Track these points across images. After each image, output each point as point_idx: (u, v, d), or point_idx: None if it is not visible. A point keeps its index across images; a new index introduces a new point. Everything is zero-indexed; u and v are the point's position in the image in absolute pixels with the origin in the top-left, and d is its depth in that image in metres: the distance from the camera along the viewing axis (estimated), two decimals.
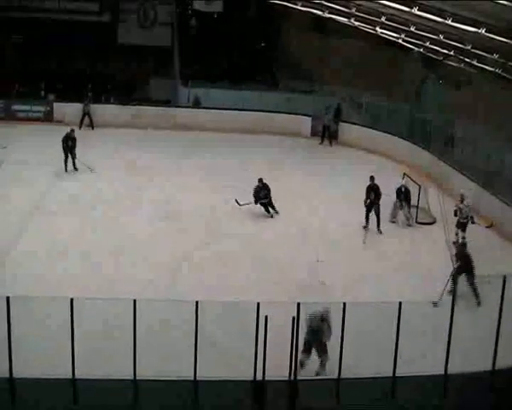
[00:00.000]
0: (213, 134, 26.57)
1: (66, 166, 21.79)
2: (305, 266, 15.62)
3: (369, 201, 18.24)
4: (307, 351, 11.21)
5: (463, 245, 14.70)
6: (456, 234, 17.16)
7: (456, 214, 17.28)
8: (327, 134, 27.15)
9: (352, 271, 15.58)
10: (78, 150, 21.86)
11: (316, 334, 11.15)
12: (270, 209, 19.21)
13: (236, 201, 19.02)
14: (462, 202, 17.24)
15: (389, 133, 25.84)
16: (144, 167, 22.37)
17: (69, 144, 21.78)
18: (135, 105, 28.80)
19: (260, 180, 19.21)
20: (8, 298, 9.69)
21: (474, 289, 13.99)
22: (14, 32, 31.01)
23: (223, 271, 15.25)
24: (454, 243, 16.91)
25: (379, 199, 18.30)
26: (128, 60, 31.48)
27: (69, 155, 21.80)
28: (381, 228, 18.31)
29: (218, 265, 15.57)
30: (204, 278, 14.75)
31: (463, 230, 17.10)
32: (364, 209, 18.31)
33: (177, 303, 10.77)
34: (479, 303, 13.85)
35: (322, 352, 11.23)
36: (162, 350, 11.61)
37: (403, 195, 18.97)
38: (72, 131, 22.17)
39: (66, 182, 20.89)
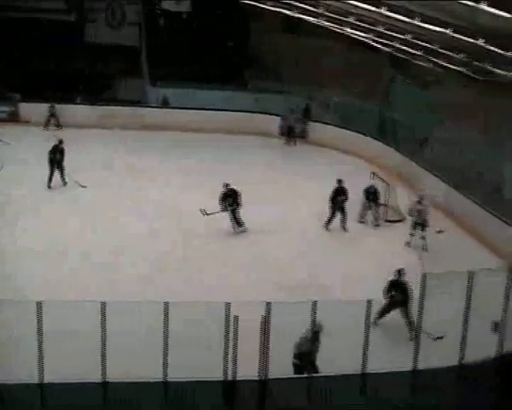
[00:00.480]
0: (182, 134, 26.45)
1: (50, 181, 20.14)
2: (282, 266, 15.71)
3: (333, 204, 18.33)
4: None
5: (399, 273, 12.87)
6: (411, 234, 17.29)
7: (411, 214, 17.35)
8: (292, 134, 27.35)
9: (324, 270, 15.64)
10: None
11: (307, 356, 10.92)
12: (235, 224, 17.62)
13: (202, 211, 17.70)
14: (420, 203, 17.30)
15: (359, 133, 26.05)
16: (119, 167, 22.20)
17: (57, 157, 20.23)
18: (103, 105, 28.49)
19: (226, 185, 17.78)
20: None
21: (410, 322, 12.52)
22: None
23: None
24: (408, 243, 17.15)
25: (346, 201, 18.46)
26: (96, 59, 31.11)
27: (56, 168, 20.25)
28: (348, 227, 18.44)
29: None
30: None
31: (423, 229, 17.17)
32: (329, 210, 18.39)
33: (152, 305, 10.70)
34: (411, 338, 11.92)
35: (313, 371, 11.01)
36: (132, 352, 11.49)
37: (372, 195, 19.10)
38: (61, 142, 20.60)
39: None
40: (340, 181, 18.56)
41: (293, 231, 18.00)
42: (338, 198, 18.35)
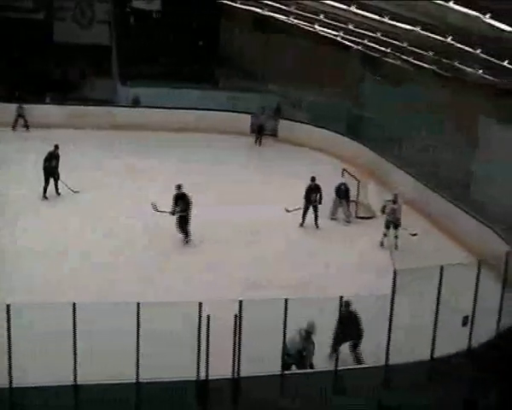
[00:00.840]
0: (153, 133, 26.27)
1: (45, 191, 19.04)
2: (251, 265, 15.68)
3: (307, 201, 18.39)
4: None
5: (347, 306, 11.44)
6: (385, 235, 17.36)
7: (383, 211, 17.45)
8: (262, 133, 27.22)
9: (295, 268, 15.67)
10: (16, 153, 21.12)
11: (299, 355, 10.85)
12: (182, 234, 16.47)
13: (154, 205, 16.72)
14: (394, 202, 17.33)
15: (330, 131, 26.19)
16: (86, 168, 21.92)
17: (53, 164, 19.07)
18: (72, 105, 28.18)
19: (179, 187, 16.63)
20: None
21: (358, 359, 11.74)
22: None
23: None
24: (381, 243, 17.24)
25: (321, 199, 18.52)
26: (65, 58, 30.79)
27: (50, 177, 19.14)
28: (320, 224, 18.53)
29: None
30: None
31: (396, 228, 17.23)
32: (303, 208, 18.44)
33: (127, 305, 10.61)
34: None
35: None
36: (105, 353, 11.37)
37: (343, 193, 19.19)
38: (57, 147, 19.43)
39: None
40: (313, 179, 18.60)
41: (264, 231, 17.94)
42: (311, 196, 18.38)
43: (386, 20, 16.75)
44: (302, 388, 10.45)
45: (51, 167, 19.09)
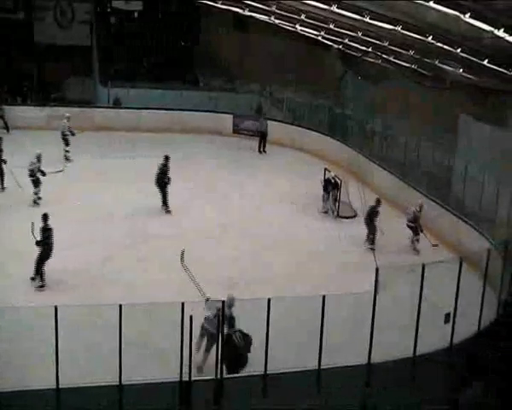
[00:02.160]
0: (134, 134, 26.16)
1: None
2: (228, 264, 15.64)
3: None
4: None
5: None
6: (417, 240, 17.20)
7: (412, 220, 17.20)
8: (265, 139, 26.39)
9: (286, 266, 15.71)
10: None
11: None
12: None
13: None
14: (419, 211, 17.19)
15: (310, 129, 26.23)
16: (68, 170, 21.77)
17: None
18: (52, 106, 27.96)
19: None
20: None
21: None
22: None
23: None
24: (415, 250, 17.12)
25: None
26: (45, 59, 30.55)
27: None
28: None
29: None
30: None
31: (417, 234, 17.20)
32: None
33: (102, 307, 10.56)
34: None
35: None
36: (85, 355, 11.30)
37: (331, 186, 19.48)
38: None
39: None
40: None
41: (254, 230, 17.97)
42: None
43: (366, 19, 16.80)
44: (285, 388, 10.46)
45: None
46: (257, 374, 10.50)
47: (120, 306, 9.87)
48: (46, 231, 13.74)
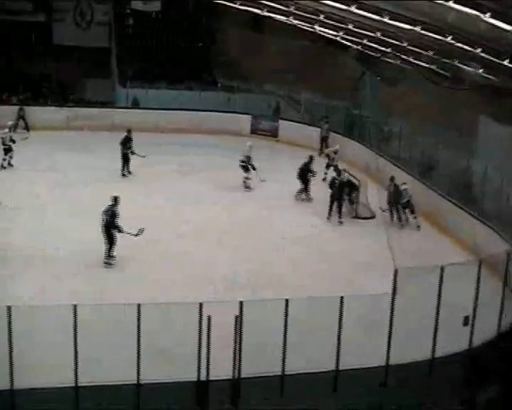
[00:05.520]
0: (152, 135, 26.24)
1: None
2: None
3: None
4: None
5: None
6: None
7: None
8: (326, 144, 25.95)
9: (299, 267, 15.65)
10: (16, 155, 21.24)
11: None
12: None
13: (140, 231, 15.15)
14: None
15: (330, 131, 26.15)
16: (85, 169, 21.91)
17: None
18: (71, 107, 28.19)
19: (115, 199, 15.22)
20: None
21: None
22: None
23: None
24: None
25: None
26: (64, 60, 30.78)
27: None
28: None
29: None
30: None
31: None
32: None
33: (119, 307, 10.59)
34: None
35: None
36: (105, 355, 11.36)
37: (347, 188, 19.49)
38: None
39: None
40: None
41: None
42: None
43: (385, 19, 16.72)
44: (302, 388, 10.44)
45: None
46: (274, 375, 10.49)
47: (139, 305, 9.93)
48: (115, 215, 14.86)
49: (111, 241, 15.03)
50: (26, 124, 26.62)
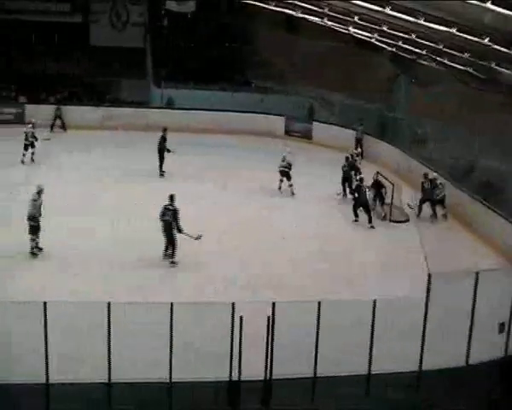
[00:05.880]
0: (187, 135, 26.40)
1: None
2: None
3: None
4: None
5: None
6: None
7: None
8: (361, 147, 25.79)
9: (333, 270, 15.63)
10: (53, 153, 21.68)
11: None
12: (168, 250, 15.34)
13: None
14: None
15: (363, 133, 26.02)
16: (116, 169, 22.17)
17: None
18: (107, 106, 28.57)
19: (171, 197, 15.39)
20: None
21: None
22: None
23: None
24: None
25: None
26: (100, 61, 31.18)
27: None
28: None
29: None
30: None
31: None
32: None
33: (152, 306, 10.70)
34: None
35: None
36: (138, 352, 11.48)
37: (378, 190, 19.58)
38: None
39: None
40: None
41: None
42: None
43: (421, 21, 16.57)
44: (334, 391, 10.42)
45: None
46: (306, 376, 10.49)
47: (171, 304, 10.02)
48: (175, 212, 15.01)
49: (173, 242, 15.15)
50: (63, 123, 27.14)
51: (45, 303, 9.92)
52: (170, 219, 15.03)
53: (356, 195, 18.88)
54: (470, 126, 20.60)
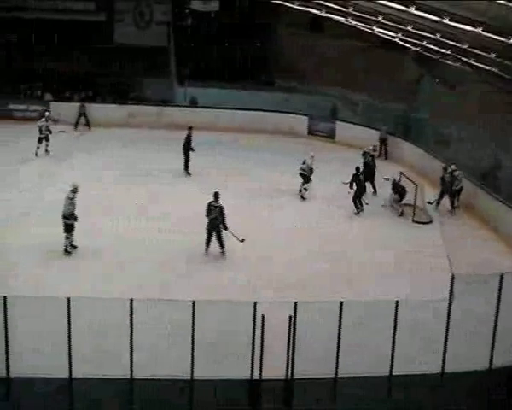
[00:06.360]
0: (209, 133, 26.47)
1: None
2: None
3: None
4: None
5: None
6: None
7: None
8: (385, 147, 25.74)
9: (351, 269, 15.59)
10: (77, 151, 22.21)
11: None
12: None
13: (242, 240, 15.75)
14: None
15: (387, 133, 25.87)
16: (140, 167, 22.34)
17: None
18: (131, 105, 28.81)
19: (215, 195, 15.69)
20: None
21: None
22: (10, 31, 30.89)
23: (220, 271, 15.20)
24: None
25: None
26: (124, 59, 31.39)
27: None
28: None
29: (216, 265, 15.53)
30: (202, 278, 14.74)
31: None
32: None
33: (173, 303, 10.75)
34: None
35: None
36: (159, 349, 11.56)
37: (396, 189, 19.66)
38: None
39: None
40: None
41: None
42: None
43: (446, 21, 16.44)
44: (355, 392, 10.40)
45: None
46: (327, 377, 10.48)
47: (193, 302, 10.07)
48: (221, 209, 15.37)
49: (221, 238, 15.43)
50: (87, 120, 27.39)
51: (69, 299, 10.04)
52: (217, 217, 15.26)
53: (354, 186, 19.19)
54: (494, 127, 20.42)
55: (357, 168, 19.53)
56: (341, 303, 10.14)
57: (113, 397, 10.30)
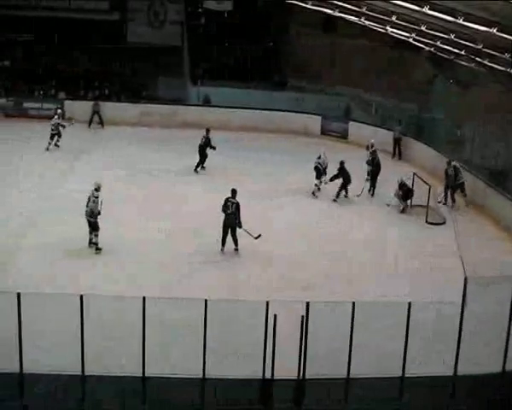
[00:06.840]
0: (222, 133, 26.48)
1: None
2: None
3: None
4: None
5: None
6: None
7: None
8: (399, 147, 25.68)
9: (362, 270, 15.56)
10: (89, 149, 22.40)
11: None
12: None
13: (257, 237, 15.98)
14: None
15: (400, 133, 25.82)
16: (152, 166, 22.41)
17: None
18: (144, 103, 28.92)
19: (233, 191, 16.03)
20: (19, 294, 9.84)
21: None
22: (24, 30, 31.09)
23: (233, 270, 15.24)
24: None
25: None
26: (137, 58, 31.49)
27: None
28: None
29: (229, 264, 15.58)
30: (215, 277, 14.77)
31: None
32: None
33: (185, 302, 10.79)
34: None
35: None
36: (170, 348, 11.60)
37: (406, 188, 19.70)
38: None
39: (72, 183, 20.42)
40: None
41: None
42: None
43: (460, 21, 16.37)
44: (367, 393, 10.39)
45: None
46: (339, 377, 10.48)
47: (206, 301, 10.10)
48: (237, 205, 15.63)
49: (235, 235, 15.60)
50: (101, 118, 27.54)
51: (81, 296, 10.10)
52: (234, 212, 15.47)
53: (340, 178, 19.78)
54: (508, 128, 20.32)
55: (342, 162, 20.04)
56: (353, 304, 10.12)
57: (124, 395, 10.33)
